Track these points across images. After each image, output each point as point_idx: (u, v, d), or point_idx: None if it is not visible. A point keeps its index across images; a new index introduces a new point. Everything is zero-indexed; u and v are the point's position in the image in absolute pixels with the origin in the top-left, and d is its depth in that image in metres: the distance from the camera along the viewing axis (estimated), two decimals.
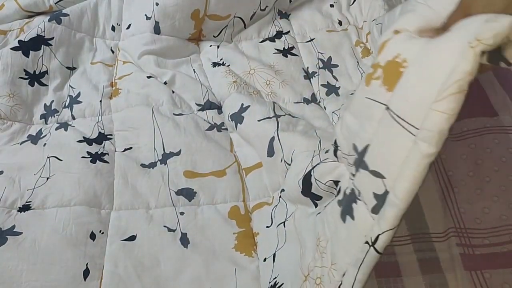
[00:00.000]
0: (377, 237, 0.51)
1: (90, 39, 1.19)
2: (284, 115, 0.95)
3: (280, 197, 0.83)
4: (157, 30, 1.16)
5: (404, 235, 0.78)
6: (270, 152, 0.89)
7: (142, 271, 0.76)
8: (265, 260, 0.77)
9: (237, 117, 0.97)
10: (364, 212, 0.55)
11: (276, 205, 0.83)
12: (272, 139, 0.89)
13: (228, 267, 0.77)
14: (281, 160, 0.86)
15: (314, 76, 1.11)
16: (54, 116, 1.04)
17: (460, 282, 0.70)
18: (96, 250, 0.78)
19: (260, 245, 0.80)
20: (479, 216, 0.79)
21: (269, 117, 0.93)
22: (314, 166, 0.71)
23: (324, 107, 1.04)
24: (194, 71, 1.12)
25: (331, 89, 1.08)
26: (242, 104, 0.98)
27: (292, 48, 1.17)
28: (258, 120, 0.94)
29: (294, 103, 1.04)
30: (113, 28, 1.22)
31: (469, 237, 0.76)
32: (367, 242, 0.52)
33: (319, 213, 0.69)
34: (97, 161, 0.91)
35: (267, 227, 0.81)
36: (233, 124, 0.97)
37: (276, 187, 0.87)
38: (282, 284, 0.70)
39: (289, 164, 0.85)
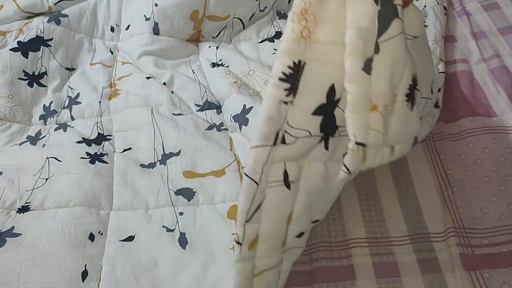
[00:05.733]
0: None
1: (89, 40, 1.20)
2: None
3: None
4: (156, 31, 1.16)
5: (403, 235, 0.78)
6: None
7: (139, 273, 0.76)
8: None
9: (241, 119, 0.97)
10: None
11: None
12: None
13: (226, 269, 0.77)
14: None
15: None
16: (53, 117, 1.04)
17: (460, 282, 0.70)
18: (94, 251, 0.78)
19: None
20: (478, 216, 0.79)
21: None
22: None
23: None
24: (193, 72, 1.12)
25: None
26: (245, 105, 0.98)
27: None
28: None
29: None
30: (112, 29, 1.22)
31: (468, 237, 0.76)
32: None
33: None
34: (96, 161, 0.91)
35: None
36: (236, 125, 0.97)
37: None
38: None
39: None
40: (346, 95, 0.56)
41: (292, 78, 0.56)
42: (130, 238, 0.80)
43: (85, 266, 0.75)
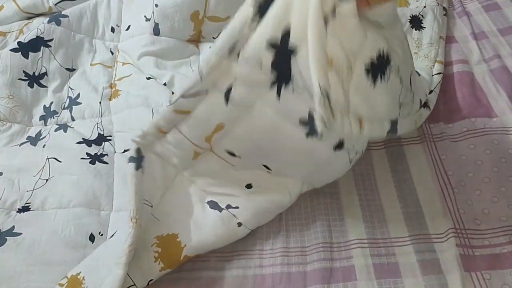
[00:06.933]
0: None
1: (89, 41, 1.19)
2: None
3: None
4: (156, 31, 1.16)
5: (404, 236, 0.78)
6: None
7: None
8: None
9: None
10: None
11: None
12: None
13: None
14: None
15: None
16: (53, 118, 1.03)
17: (460, 283, 0.70)
18: None
19: None
20: (479, 217, 0.79)
21: None
22: None
23: None
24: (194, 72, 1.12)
25: None
26: None
27: None
28: None
29: None
30: (112, 30, 1.22)
31: (469, 238, 0.76)
32: None
33: None
34: (97, 162, 0.91)
35: None
36: None
37: None
38: None
39: None
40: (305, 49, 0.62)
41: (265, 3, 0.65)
42: None
43: None
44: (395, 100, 0.73)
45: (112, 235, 0.76)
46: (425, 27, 1.13)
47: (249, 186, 0.79)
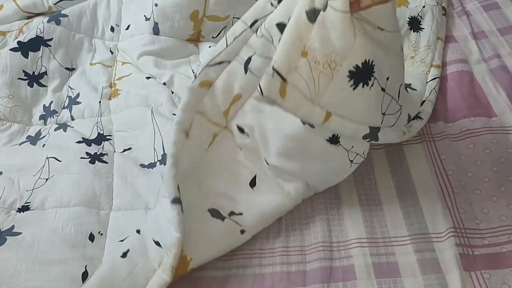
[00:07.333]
0: None
1: (89, 40, 1.19)
2: None
3: None
4: (156, 31, 1.16)
5: (404, 236, 0.78)
6: None
7: None
8: None
9: None
10: None
11: None
12: None
13: None
14: None
15: None
16: (53, 117, 1.04)
17: (460, 282, 0.70)
18: (94, 252, 0.78)
19: None
20: (479, 217, 0.79)
21: None
22: None
23: None
24: (193, 72, 1.12)
25: None
26: None
27: None
28: None
29: None
30: (112, 29, 1.22)
31: (469, 237, 0.77)
32: None
33: None
34: (96, 161, 0.91)
35: None
36: None
37: None
38: None
39: None
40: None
41: None
42: None
43: (85, 267, 0.75)
44: (377, 108, 0.74)
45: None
46: (423, 28, 1.13)
47: (253, 183, 0.78)
